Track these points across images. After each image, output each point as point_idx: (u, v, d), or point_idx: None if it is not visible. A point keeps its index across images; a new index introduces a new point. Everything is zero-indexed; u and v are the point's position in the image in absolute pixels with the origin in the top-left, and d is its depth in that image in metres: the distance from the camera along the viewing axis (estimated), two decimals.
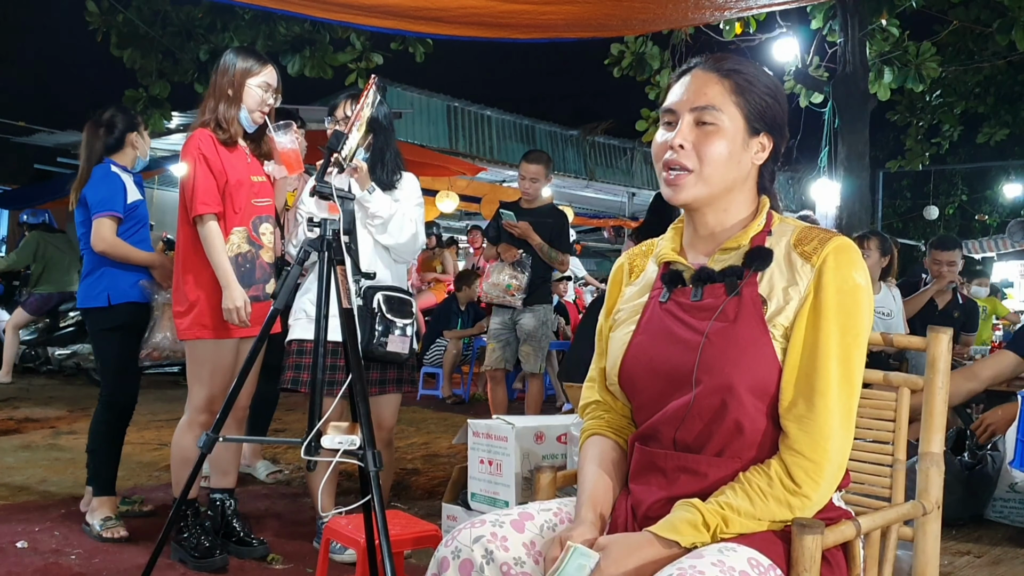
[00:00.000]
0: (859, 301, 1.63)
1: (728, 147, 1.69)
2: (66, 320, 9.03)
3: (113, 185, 3.93)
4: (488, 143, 15.78)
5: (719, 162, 1.68)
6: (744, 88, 1.71)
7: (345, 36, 8.95)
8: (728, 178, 1.70)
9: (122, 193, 3.94)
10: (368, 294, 3.52)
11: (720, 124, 1.68)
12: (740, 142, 1.70)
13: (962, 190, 21.78)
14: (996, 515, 4.28)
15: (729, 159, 1.69)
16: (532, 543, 1.68)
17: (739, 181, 1.73)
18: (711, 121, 1.69)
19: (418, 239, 3.72)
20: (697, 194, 1.71)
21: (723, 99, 1.69)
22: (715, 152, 1.68)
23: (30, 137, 12.80)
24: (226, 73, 3.53)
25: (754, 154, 1.73)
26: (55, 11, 8.48)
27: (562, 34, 5.61)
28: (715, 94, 1.70)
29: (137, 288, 3.90)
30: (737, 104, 1.70)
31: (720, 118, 1.68)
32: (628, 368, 1.78)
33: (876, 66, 9.42)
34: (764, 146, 1.74)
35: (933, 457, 1.92)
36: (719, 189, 1.71)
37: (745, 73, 1.72)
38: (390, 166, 3.70)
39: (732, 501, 1.58)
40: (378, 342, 3.51)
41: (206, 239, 3.42)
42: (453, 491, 3.70)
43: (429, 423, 7.33)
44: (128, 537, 3.76)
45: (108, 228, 3.87)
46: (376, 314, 3.51)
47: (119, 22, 8.47)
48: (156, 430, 6.23)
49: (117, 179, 3.96)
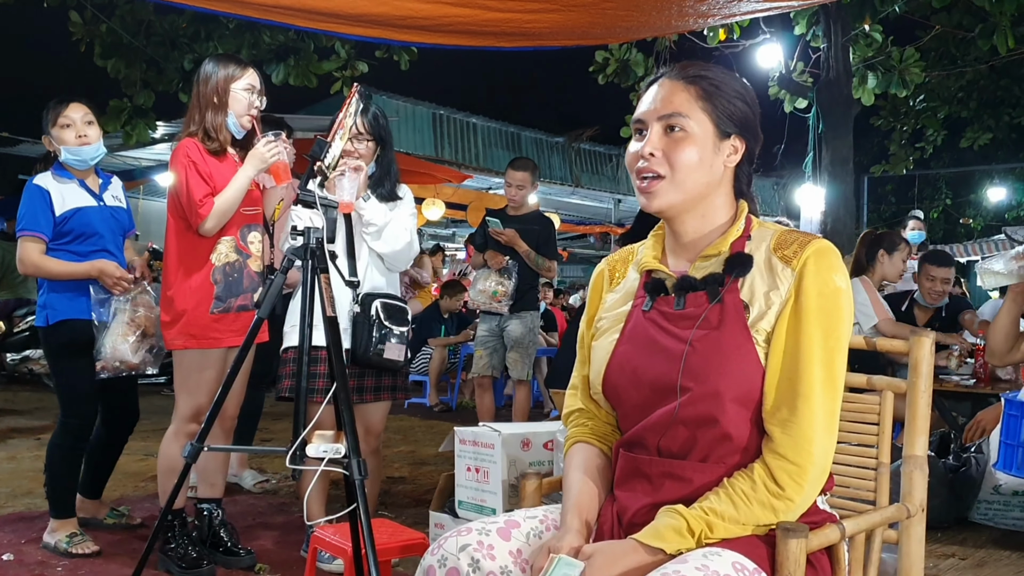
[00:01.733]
0: (840, 304, 1.64)
1: (698, 152, 1.70)
2: (20, 326, 9.01)
3: (32, 201, 3.67)
4: (474, 150, 15.77)
5: (690, 167, 1.70)
6: (710, 93, 1.72)
7: (330, 45, 8.94)
8: (701, 182, 1.71)
9: (44, 207, 3.66)
10: (366, 301, 3.54)
11: (688, 130, 1.70)
12: (710, 146, 1.71)
13: (946, 194, 21.87)
14: (981, 517, 4.31)
15: (700, 164, 1.70)
16: (519, 551, 1.69)
17: (713, 186, 1.73)
18: (679, 127, 1.70)
19: (412, 248, 3.75)
20: (672, 200, 1.72)
21: (689, 105, 1.71)
22: (685, 158, 1.69)
23: (14, 148, 12.75)
24: (208, 81, 3.51)
25: (726, 157, 1.74)
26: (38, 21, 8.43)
27: (546, 42, 5.62)
28: (681, 101, 1.71)
29: (77, 303, 3.69)
30: (704, 109, 1.71)
31: (688, 124, 1.70)
32: (612, 378, 1.78)
33: (860, 71, 9.48)
34: (736, 148, 1.75)
35: (917, 460, 1.93)
36: (693, 194, 1.72)
37: (711, 78, 1.74)
38: (394, 178, 3.75)
39: (716, 506, 1.58)
40: (376, 349, 3.51)
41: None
42: (440, 499, 3.70)
43: (416, 431, 7.33)
44: (98, 551, 3.71)
45: (28, 249, 3.66)
46: (374, 321, 3.52)
47: (103, 32, 8.44)
48: (143, 440, 6.18)
49: (38, 193, 3.67)
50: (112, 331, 3.67)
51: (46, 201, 3.68)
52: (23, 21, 9.98)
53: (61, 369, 3.77)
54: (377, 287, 3.65)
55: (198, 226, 3.41)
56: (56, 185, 3.73)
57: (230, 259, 3.53)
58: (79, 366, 3.71)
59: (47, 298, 3.72)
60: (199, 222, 3.40)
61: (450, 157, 15.03)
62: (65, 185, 3.75)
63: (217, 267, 3.50)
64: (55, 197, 3.70)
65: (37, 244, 3.66)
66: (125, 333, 3.68)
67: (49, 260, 3.68)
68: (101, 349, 3.66)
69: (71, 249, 3.72)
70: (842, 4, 8.87)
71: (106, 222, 3.82)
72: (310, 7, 4.69)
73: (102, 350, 3.66)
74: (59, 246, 3.71)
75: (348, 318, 3.48)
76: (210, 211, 3.39)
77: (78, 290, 3.71)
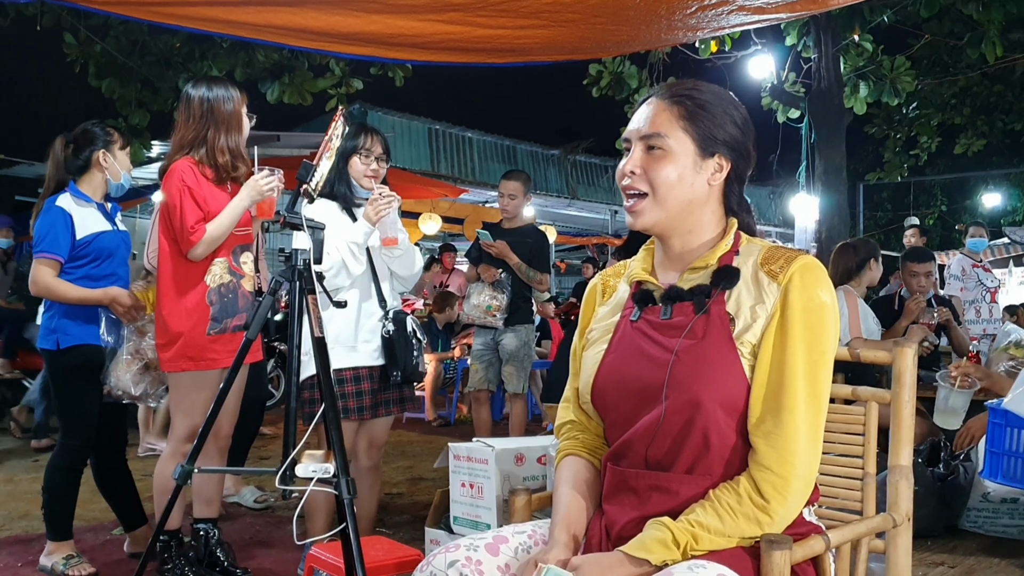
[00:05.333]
0: (825, 319, 1.66)
1: (677, 170, 1.73)
2: None
3: (53, 221, 3.65)
4: (469, 164, 15.81)
5: (669, 185, 1.73)
6: (693, 112, 1.75)
7: (324, 63, 8.98)
8: (683, 199, 1.74)
9: (65, 230, 3.65)
10: (399, 319, 3.60)
11: (667, 148, 1.73)
12: (690, 164, 1.74)
13: (941, 201, 21.93)
14: (970, 525, 4.33)
15: (679, 181, 1.73)
16: (507, 566, 1.70)
17: (697, 203, 1.76)
18: (658, 146, 1.74)
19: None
20: (655, 219, 1.75)
21: (670, 125, 1.74)
22: (664, 176, 1.73)
23: (10, 169, 12.78)
24: (228, 101, 3.51)
25: (710, 175, 1.76)
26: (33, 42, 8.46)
27: (538, 58, 5.64)
28: (662, 121, 1.75)
29: (90, 329, 3.70)
30: (685, 129, 1.74)
31: (667, 143, 1.73)
32: (600, 386, 1.80)
33: (851, 81, 9.51)
34: (721, 167, 1.77)
35: (902, 470, 1.95)
36: (675, 211, 1.74)
37: (696, 98, 1.76)
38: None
39: (702, 519, 1.60)
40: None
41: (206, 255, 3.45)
42: (436, 515, 3.70)
43: (414, 446, 7.33)
44: (95, 573, 3.71)
45: (42, 272, 3.64)
46: (411, 337, 3.62)
47: (97, 53, 8.47)
48: (139, 461, 6.20)
49: (58, 214, 3.66)
50: (118, 360, 3.68)
51: (68, 224, 3.67)
52: (17, 43, 10.01)
53: (68, 393, 3.76)
54: (396, 306, 3.75)
55: (187, 252, 3.42)
56: (77, 209, 3.73)
57: (224, 280, 3.53)
58: (86, 390, 3.72)
59: (59, 323, 3.71)
60: (189, 248, 3.40)
61: (446, 171, 15.07)
62: (85, 209, 3.76)
63: (212, 288, 3.50)
64: (77, 221, 3.70)
65: (52, 267, 3.65)
66: (128, 363, 3.68)
67: (62, 283, 3.67)
68: (107, 376, 3.67)
69: (86, 272, 3.72)
70: (832, 15, 8.91)
71: (119, 247, 3.85)
72: (302, 27, 4.71)
73: (108, 378, 3.67)
74: (73, 268, 3.70)
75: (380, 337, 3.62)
76: (201, 238, 3.40)
77: (90, 315, 3.72)
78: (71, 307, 3.71)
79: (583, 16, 4.54)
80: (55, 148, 3.79)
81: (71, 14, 8.09)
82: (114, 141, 3.82)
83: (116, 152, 3.83)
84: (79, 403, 3.74)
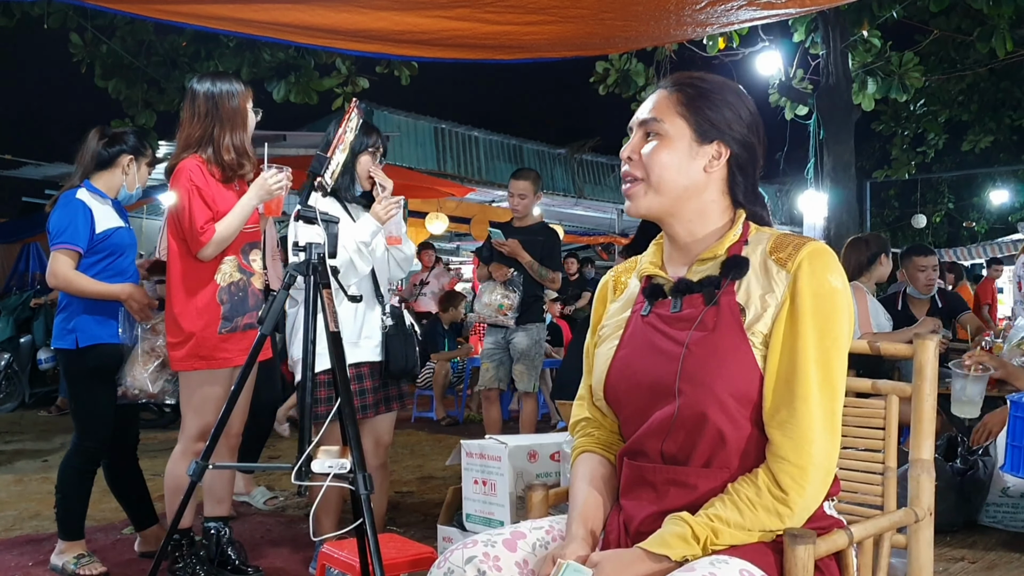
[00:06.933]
0: (836, 304, 1.63)
1: (671, 155, 1.72)
2: None
3: (73, 213, 3.62)
4: (476, 164, 15.79)
5: (662, 168, 1.72)
6: (691, 98, 1.74)
7: (330, 61, 8.98)
8: (678, 185, 1.72)
9: (85, 223, 3.63)
10: (396, 313, 3.64)
11: (663, 133, 1.73)
12: (685, 150, 1.72)
13: (949, 198, 21.84)
14: (990, 520, 4.29)
15: (673, 166, 1.72)
16: (525, 562, 1.68)
17: (695, 190, 1.74)
18: (655, 131, 1.73)
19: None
20: (650, 204, 1.74)
21: (667, 111, 1.74)
22: (658, 160, 1.72)
23: (17, 170, 12.78)
24: (231, 99, 3.49)
25: (707, 162, 1.74)
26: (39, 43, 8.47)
27: (545, 54, 5.62)
28: (661, 107, 1.75)
29: (108, 327, 3.69)
30: (682, 114, 1.73)
31: (662, 128, 1.73)
32: (612, 382, 1.79)
33: (859, 77, 9.49)
34: (720, 154, 1.74)
35: (924, 464, 1.93)
36: (671, 197, 1.73)
37: (697, 86, 1.76)
38: None
39: (721, 513, 1.58)
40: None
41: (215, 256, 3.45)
42: (448, 512, 3.69)
43: (423, 445, 7.32)
44: (106, 572, 3.70)
45: (62, 263, 3.60)
46: (410, 333, 3.67)
47: (103, 53, 8.49)
48: (149, 459, 6.18)
49: (79, 207, 3.64)
50: (133, 359, 3.67)
51: (88, 217, 3.65)
52: (24, 43, 10.02)
53: (85, 392, 3.73)
54: (392, 301, 3.77)
55: (197, 252, 3.40)
56: (96, 204, 3.72)
57: (234, 278, 3.52)
58: (103, 391, 3.71)
59: (78, 321, 3.68)
60: (199, 249, 3.39)
61: (452, 171, 15.06)
62: (103, 205, 3.75)
63: (222, 287, 3.49)
64: (97, 215, 3.69)
65: (71, 258, 3.62)
66: (145, 362, 3.66)
67: (81, 276, 3.64)
68: (123, 376, 3.66)
69: (101, 268, 3.70)
70: (840, 11, 8.88)
71: (132, 245, 3.85)
72: (309, 24, 4.70)
73: (124, 377, 3.66)
74: (89, 263, 3.67)
75: (381, 333, 3.65)
76: (211, 238, 3.38)
77: (109, 313, 3.71)
78: (89, 304, 3.69)
79: (591, 12, 4.52)
80: (89, 138, 3.78)
81: (77, 13, 8.11)
82: (145, 154, 3.87)
83: (142, 164, 3.86)
84: (96, 405, 3.72)
